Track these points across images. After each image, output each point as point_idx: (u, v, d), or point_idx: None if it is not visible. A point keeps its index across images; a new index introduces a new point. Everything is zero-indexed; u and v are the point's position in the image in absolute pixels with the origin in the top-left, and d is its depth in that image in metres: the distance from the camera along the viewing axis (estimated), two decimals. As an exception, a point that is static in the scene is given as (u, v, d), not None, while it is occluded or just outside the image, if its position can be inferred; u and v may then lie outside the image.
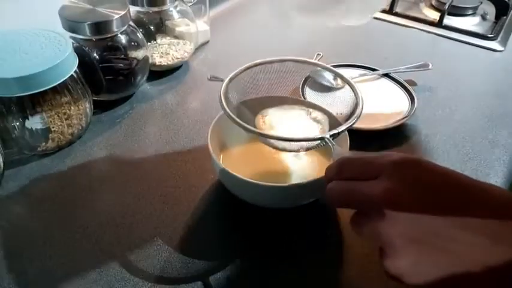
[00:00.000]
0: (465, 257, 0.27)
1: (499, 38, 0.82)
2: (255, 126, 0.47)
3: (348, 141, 0.48)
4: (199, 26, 0.75)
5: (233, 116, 0.42)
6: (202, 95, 0.67)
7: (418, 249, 0.28)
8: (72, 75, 0.54)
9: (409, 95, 0.63)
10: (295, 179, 0.49)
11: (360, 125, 0.57)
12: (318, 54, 0.51)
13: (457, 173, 0.31)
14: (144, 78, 0.66)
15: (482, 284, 0.26)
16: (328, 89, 0.59)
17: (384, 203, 0.30)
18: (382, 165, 0.31)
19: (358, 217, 0.33)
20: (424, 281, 0.28)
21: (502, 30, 0.84)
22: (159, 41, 0.71)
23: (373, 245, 0.32)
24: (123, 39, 0.62)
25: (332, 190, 0.33)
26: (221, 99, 0.43)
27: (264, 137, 0.43)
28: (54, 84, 0.52)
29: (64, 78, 0.53)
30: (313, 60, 0.50)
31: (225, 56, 0.77)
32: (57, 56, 0.52)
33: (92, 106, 0.59)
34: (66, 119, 0.56)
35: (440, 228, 0.28)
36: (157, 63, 0.69)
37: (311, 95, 0.62)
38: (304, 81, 0.64)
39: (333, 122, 0.48)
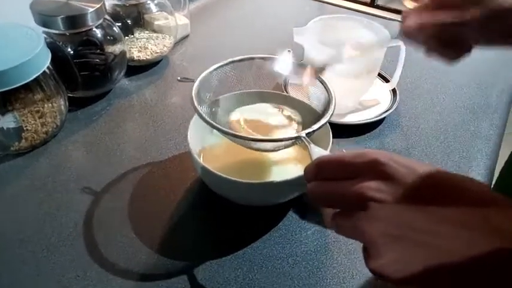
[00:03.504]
0: (446, 249, 0.27)
1: (479, 30, 0.82)
2: (229, 126, 0.46)
3: (331, 135, 0.47)
4: (178, 20, 0.73)
5: (207, 118, 0.41)
6: (182, 90, 0.66)
7: (400, 247, 0.28)
8: (44, 71, 0.52)
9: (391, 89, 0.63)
10: (278, 175, 0.48)
11: (338, 118, 0.57)
12: (288, 50, 0.50)
13: (434, 168, 0.31)
14: (122, 73, 0.64)
15: (463, 273, 0.26)
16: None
17: (363, 202, 0.30)
18: (359, 165, 0.31)
19: (339, 217, 0.32)
20: (407, 276, 0.28)
21: (483, 22, 0.84)
22: (137, 35, 0.69)
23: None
24: (98, 33, 0.59)
25: (313, 191, 0.33)
26: (193, 101, 0.42)
27: (238, 139, 0.42)
28: (26, 81, 0.50)
29: (36, 75, 0.51)
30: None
31: (206, 50, 0.75)
32: (28, 52, 0.50)
33: (67, 103, 0.57)
34: (39, 117, 0.54)
35: (421, 223, 0.28)
36: (136, 58, 0.67)
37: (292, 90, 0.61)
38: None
39: (309, 115, 0.47)
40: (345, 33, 0.60)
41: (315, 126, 0.41)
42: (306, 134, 0.40)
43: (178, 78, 0.47)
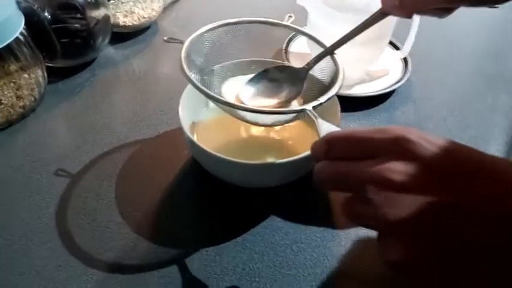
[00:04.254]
0: (474, 249, 0.24)
1: (494, -7, 0.76)
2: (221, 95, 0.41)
3: (339, 109, 0.42)
4: (168, -19, 0.67)
5: (198, 84, 0.36)
6: (173, 60, 0.60)
7: (426, 240, 0.25)
8: (18, 38, 0.47)
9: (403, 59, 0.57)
10: (280, 154, 0.44)
11: (344, 90, 0.52)
12: (289, 16, 0.45)
13: (468, 148, 0.27)
14: (106, 40, 0.58)
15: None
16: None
17: (386, 186, 0.25)
18: (381, 142, 0.27)
19: (354, 202, 0.28)
20: (430, 273, 0.25)
21: (498, -15, 0.78)
22: (122, -2, 0.63)
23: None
24: (79, -5, 0.53)
25: (322, 172, 0.29)
26: (182, 65, 0.37)
27: (233, 108, 0.37)
28: (-4, 49, 0.45)
29: (7, 42, 0.46)
30: (284, 23, 0.44)
31: (199, 15, 0.69)
32: (-3, 16, 0.44)
33: (46, 74, 0.52)
34: (16, 90, 0.49)
35: (452, 217, 0.24)
36: (121, 24, 0.61)
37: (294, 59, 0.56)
38: (287, 43, 0.58)
39: (313, 86, 0.42)
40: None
41: (322, 99, 0.36)
42: (313, 107, 0.35)
43: (165, 38, 0.42)
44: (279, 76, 0.43)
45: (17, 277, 0.36)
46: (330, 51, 0.41)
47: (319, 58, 0.42)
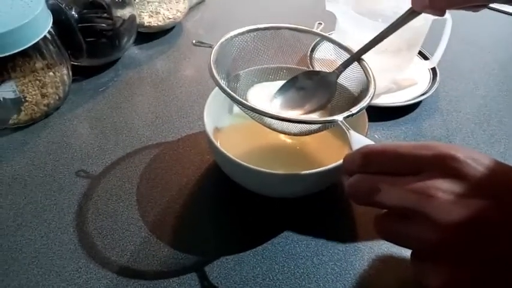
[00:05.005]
0: None
1: (526, 3, 0.74)
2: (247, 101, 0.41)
3: (366, 119, 0.41)
4: (194, -18, 0.67)
5: (226, 88, 0.36)
6: (197, 62, 0.60)
7: (471, 266, 0.24)
8: (45, 36, 0.47)
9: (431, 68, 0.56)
10: (305, 163, 0.43)
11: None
12: (319, 23, 0.44)
13: None
14: (131, 40, 0.58)
15: None
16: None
17: (431, 205, 0.24)
18: (425, 159, 0.26)
19: (389, 219, 0.27)
20: None
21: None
22: (148, -2, 0.63)
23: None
24: (105, -5, 0.53)
25: (357, 186, 0.28)
26: (211, 69, 0.37)
27: (262, 116, 0.36)
28: (25, 47, 0.45)
29: (36, 40, 0.46)
30: (314, 30, 0.43)
31: (224, 17, 0.69)
32: (26, 14, 0.45)
33: (71, 73, 0.52)
34: (41, 88, 0.49)
35: (498, 245, 0.24)
36: (146, 24, 0.61)
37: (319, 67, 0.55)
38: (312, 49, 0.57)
39: (340, 95, 0.41)
40: (384, 1, 0.53)
41: (354, 110, 0.35)
42: (344, 118, 0.34)
43: (194, 41, 0.41)
44: (308, 83, 0.42)
45: (38, 277, 0.37)
46: (360, 54, 0.40)
47: (348, 62, 0.41)
